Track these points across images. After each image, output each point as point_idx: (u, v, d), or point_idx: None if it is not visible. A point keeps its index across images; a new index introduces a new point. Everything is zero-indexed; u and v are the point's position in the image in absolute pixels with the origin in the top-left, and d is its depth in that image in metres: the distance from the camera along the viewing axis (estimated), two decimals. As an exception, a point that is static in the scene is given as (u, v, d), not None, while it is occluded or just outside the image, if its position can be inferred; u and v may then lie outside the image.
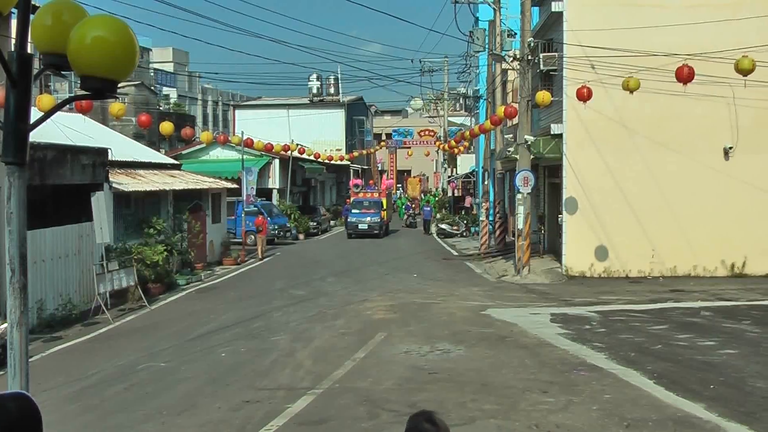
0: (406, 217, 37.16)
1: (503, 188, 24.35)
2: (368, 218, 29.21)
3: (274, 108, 43.89)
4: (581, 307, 12.66)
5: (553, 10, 16.73)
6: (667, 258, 16.55)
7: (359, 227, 29.11)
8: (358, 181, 34.96)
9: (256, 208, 25.21)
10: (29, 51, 2.24)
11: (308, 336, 10.56)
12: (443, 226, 29.73)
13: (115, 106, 14.23)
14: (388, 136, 58.60)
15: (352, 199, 31.39)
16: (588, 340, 9.92)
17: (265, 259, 21.94)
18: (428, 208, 31.46)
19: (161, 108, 38.96)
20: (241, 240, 23.27)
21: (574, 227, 16.79)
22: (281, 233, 26.53)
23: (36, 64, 2.37)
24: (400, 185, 54.67)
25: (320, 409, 6.96)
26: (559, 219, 17.61)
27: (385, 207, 30.49)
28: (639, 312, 12.08)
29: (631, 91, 14.01)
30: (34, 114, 2.21)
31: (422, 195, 49.00)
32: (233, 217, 25.42)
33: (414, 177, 51.99)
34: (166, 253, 15.46)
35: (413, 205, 41.15)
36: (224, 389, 7.84)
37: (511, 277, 16.78)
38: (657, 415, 6.56)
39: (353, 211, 29.86)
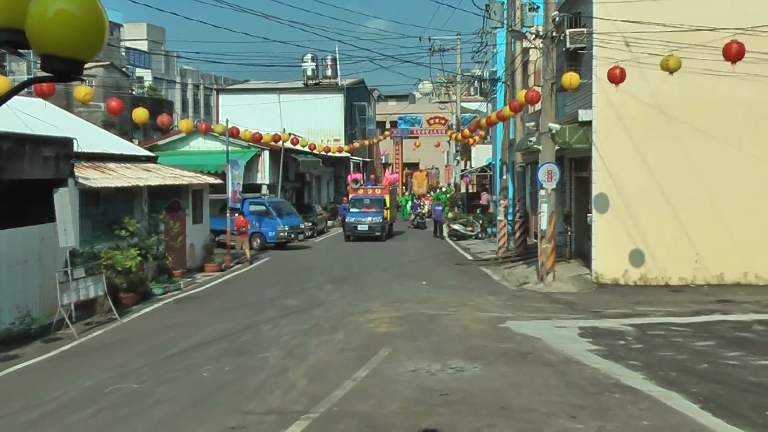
0: (412, 217, 37.15)
1: (524, 184, 24.33)
2: (369, 218, 29.25)
3: (264, 93, 43.95)
4: (614, 319, 12.65)
5: (581, -21, 16.75)
6: (712, 263, 16.51)
7: (358, 228, 29.15)
8: (358, 176, 34.96)
9: (263, 207, 25.42)
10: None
11: (302, 352, 10.57)
12: (455, 226, 29.75)
13: (81, 90, 14.22)
14: (393, 124, 58.74)
15: (350, 196, 31.40)
16: (622, 357, 9.90)
17: (253, 264, 21.97)
18: (439, 208, 31.30)
19: (134, 92, 39.06)
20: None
21: (604, 228, 16.76)
22: (291, 235, 26.10)
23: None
24: (406, 181, 54.70)
25: (316, 437, 6.95)
26: (588, 219, 17.59)
27: (388, 205, 30.52)
28: (681, 325, 12.05)
29: (671, 72, 13.96)
30: (-13, 99, 2.18)
31: (430, 192, 49.03)
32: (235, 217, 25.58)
33: (420, 171, 52.03)
34: (139, 258, 15.47)
35: (420, 203, 41.17)
36: (206, 413, 7.84)
37: (534, 284, 16.79)
38: (702, 444, 6.54)
39: (352, 210, 29.91)
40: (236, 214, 23.30)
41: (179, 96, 52.99)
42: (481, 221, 30.23)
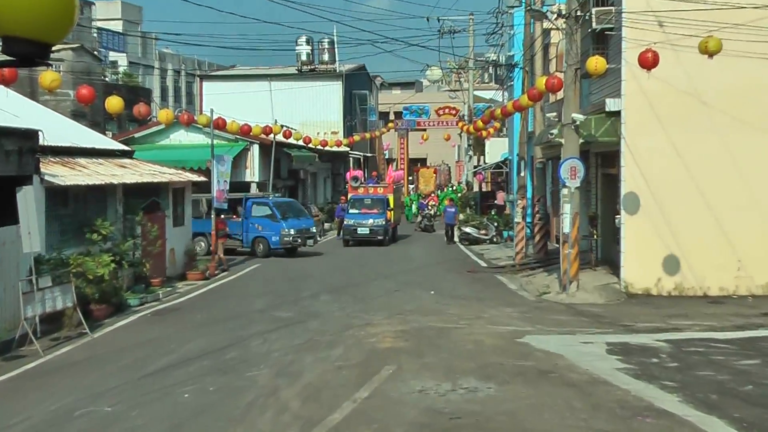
0: (420, 218, 37.14)
1: (544, 181, 24.33)
2: (370, 220, 29.29)
3: (253, 80, 44.08)
4: (646, 334, 12.64)
5: (608, -49, 16.75)
6: (757, 272, 16.48)
7: (358, 232, 29.19)
8: (358, 173, 35.02)
9: (267, 208, 25.32)
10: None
11: (295, 370, 10.58)
12: (467, 229, 29.76)
13: (47, 76, 14.24)
14: (398, 115, 58.80)
15: (350, 195, 31.44)
16: (655, 377, 9.88)
17: (243, 272, 22.04)
18: (452, 209, 30.93)
19: (107, 79, 39.11)
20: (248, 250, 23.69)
21: (635, 231, 16.75)
22: (298, 240, 25.28)
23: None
24: (411, 178, 54.74)
25: (311, 466, 6.96)
26: (616, 221, 17.58)
27: (392, 206, 30.55)
28: (722, 342, 12.04)
29: (710, 55, 13.93)
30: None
31: (438, 190, 49.05)
32: (238, 219, 25.69)
33: (427, 167, 52.09)
34: (113, 265, 15.49)
35: (428, 203, 41.18)
36: (187, 440, 7.83)
37: (555, 295, 16.80)
38: (746, 475, 6.52)
39: (351, 211, 29.95)
40: (222, 216, 23.34)
41: (158, 83, 53.04)
42: (496, 224, 30.21)
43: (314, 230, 26.37)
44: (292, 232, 25.11)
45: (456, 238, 30.24)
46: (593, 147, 19.82)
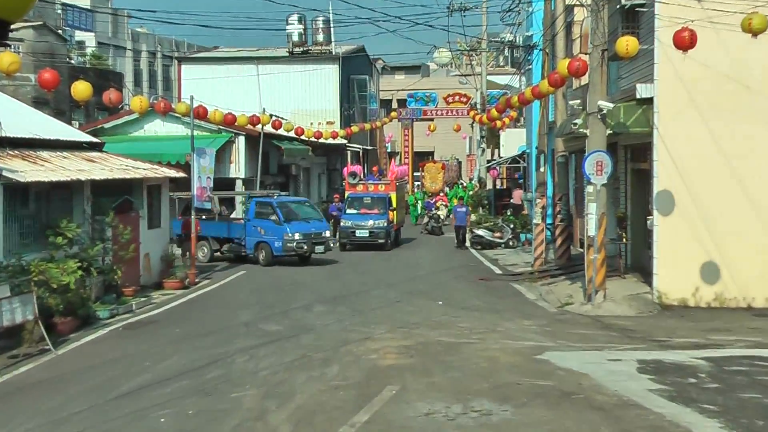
0: (426, 219, 37.12)
1: (566, 178, 24.26)
2: (370, 221, 29.28)
3: (238, 63, 44.06)
4: (682, 351, 12.61)
5: None
6: (807, 279, 16.46)
7: (357, 234, 29.19)
8: (357, 168, 35.00)
9: (269, 207, 24.82)
10: None
11: (286, 391, 10.56)
12: (480, 232, 29.74)
13: (5, 59, 14.21)
14: (402, 103, 58.79)
15: (347, 193, 31.44)
16: (693, 399, 9.85)
17: (228, 279, 22.06)
18: (462, 209, 30.69)
19: (73, 62, 39.14)
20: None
21: (669, 234, 16.74)
22: (303, 246, 24.37)
23: None
24: (417, 174, 54.73)
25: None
26: (648, 222, 17.55)
27: (394, 205, 30.56)
28: (768, 359, 12.01)
29: (755, 34, 13.89)
30: None
31: (446, 188, 49.02)
32: (240, 221, 25.79)
33: (434, 162, 51.96)
34: (80, 272, 15.47)
35: (435, 203, 41.14)
36: (163, 470, 7.82)
37: (579, 305, 16.79)
38: None
39: (349, 211, 29.95)
40: (203, 216, 23.35)
41: (131, 66, 53.07)
42: (512, 225, 30.19)
43: (328, 235, 25.67)
44: (297, 237, 24.33)
45: (467, 242, 30.22)
46: (622, 139, 19.78)
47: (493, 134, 44.62)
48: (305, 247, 24.47)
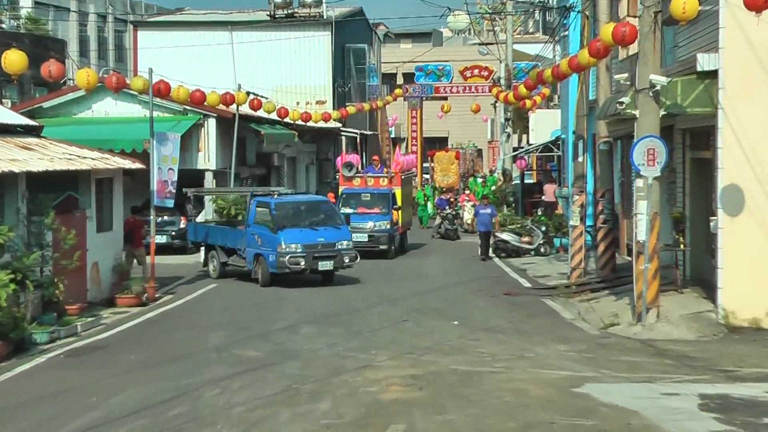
0: (438, 221, 37.02)
1: (610, 169, 24.20)
2: (369, 223, 29.21)
3: (207, 29, 44.12)
4: (755, 383, 12.54)
5: None
6: None
7: (353, 239, 29.05)
8: (353, 158, 34.87)
9: (268, 210, 23.53)
10: None
11: (266, 431, 10.50)
12: (504, 236, 29.63)
13: None
14: (409, 78, 58.74)
15: (341, 189, 31.39)
16: (768, 443, 9.80)
17: (194, 294, 22.02)
18: (487, 210, 29.71)
19: (4, 26, 39.12)
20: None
21: (738, 239, 16.67)
22: (299, 263, 22.68)
23: None
24: (427, 165, 54.70)
25: None
26: (711, 224, 17.46)
27: (399, 203, 30.53)
28: None
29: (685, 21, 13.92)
30: None
31: (463, 182, 48.96)
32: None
33: (446, 150, 51.86)
34: (13, 285, 15.39)
35: (450, 200, 41.05)
36: None
37: (627, 327, 16.73)
38: None
39: (343, 210, 29.81)
40: (138, 216, 23.20)
41: (75, 32, 53.01)
42: (544, 228, 30.09)
43: (346, 246, 23.71)
44: (296, 248, 22.78)
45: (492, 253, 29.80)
46: (679, 121, 19.71)
47: (521, 116, 44.53)
48: (302, 263, 22.67)
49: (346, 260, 23.53)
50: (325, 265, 23.27)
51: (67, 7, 52.94)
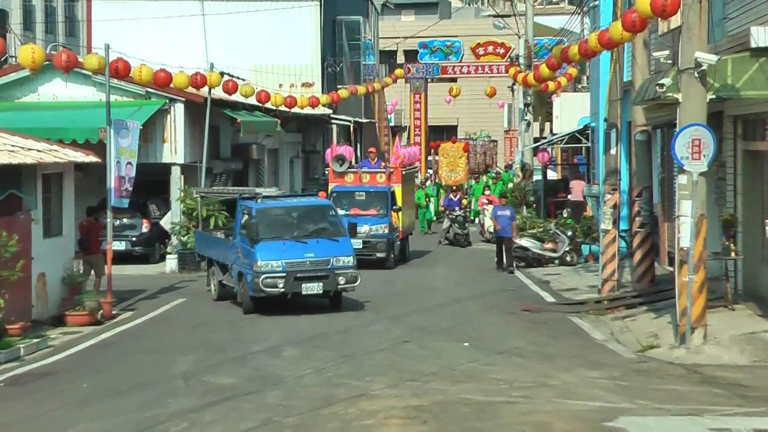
0: (447, 224, 36.92)
1: (648, 163, 24.17)
2: (364, 227, 29.10)
3: (172, -2, 43.96)
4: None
5: None
6: None
7: None
8: (345, 150, 34.82)
9: (249, 216, 22.25)
10: None
11: (242, 475, 10.52)
12: (523, 242, 29.58)
13: None
14: (411, 56, 58.67)
15: (331, 186, 31.32)
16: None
17: (155, 312, 21.95)
18: (507, 212, 29.44)
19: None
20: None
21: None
22: (272, 284, 21.33)
23: None
24: (430, 159, 54.66)
25: None
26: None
27: (400, 204, 30.59)
28: None
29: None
30: None
31: (472, 179, 48.88)
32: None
33: (453, 141, 51.72)
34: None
35: (459, 198, 40.86)
36: None
37: (668, 349, 16.72)
38: None
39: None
40: (95, 217, 23.13)
41: (18, 2, 52.94)
42: (570, 233, 30.02)
43: (347, 262, 22.24)
44: (275, 266, 21.64)
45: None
46: (730, 107, 19.67)
47: (543, 101, 44.60)
48: (280, 286, 21.46)
49: (342, 282, 21.90)
50: (312, 288, 21.82)
51: (8, -28, 52.84)
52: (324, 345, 17.91)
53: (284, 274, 21.57)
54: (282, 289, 21.52)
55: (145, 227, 29.66)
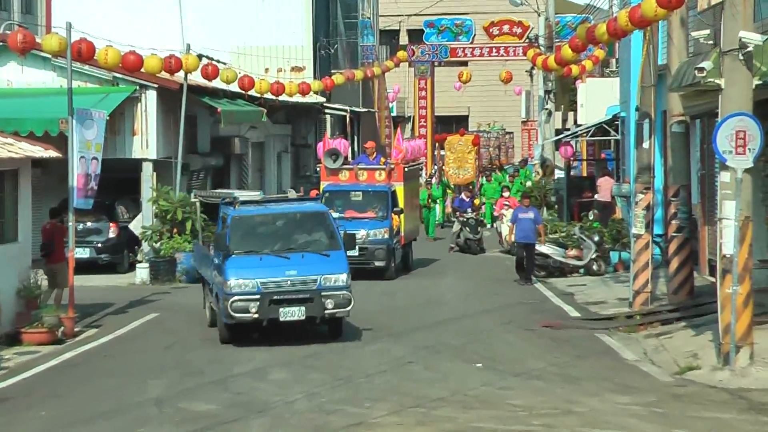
0: (457, 227, 36.86)
1: (686, 158, 24.17)
2: (361, 231, 29.01)
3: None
4: None
5: None
6: None
7: None
8: (339, 144, 34.82)
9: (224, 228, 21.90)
10: None
11: None
12: (544, 249, 29.52)
13: None
14: (415, 36, 58.64)
15: (323, 185, 31.28)
16: None
17: (119, 331, 21.94)
18: (529, 215, 28.98)
19: None
20: None
21: None
22: (243, 309, 20.01)
23: None
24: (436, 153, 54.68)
25: None
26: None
27: (401, 205, 30.60)
28: None
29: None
30: None
31: (485, 178, 48.84)
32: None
33: (462, 133, 51.67)
34: None
35: (471, 198, 40.81)
36: None
37: (710, 371, 16.70)
38: None
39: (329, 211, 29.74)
40: (58, 219, 23.09)
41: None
42: (597, 238, 29.98)
43: (335, 284, 20.78)
44: (247, 287, 20.47)
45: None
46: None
47: (567, 87, 44.58)
48: (253, 311, 20.24)
49: (330, 306, 20.41)
50: (292, 314, 20.43)
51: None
52: (316, 366, 17.87)
53: (258, 297, 20.34)
54: (255, 315, 20.23)
55: (112, 232, 29.60)
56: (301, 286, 20.55)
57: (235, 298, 20.00)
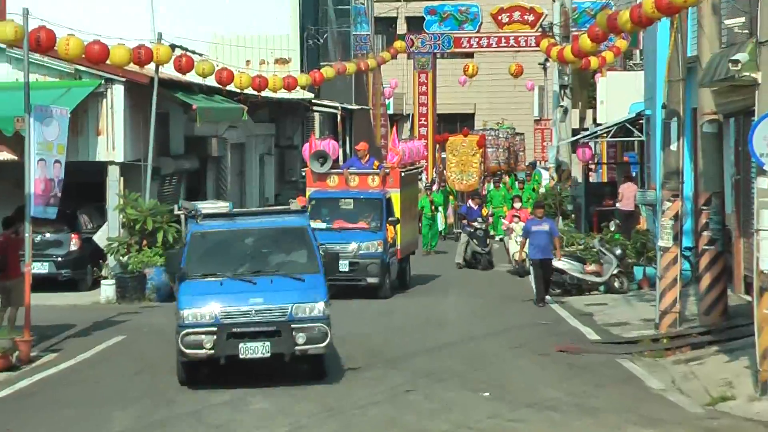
0: (464, 240, 36.85)
1: (719, 162, 24.15)
2: (352, 244, 29.17)
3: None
4: None
5: None
6: None
7: None
8: (327, 145, 34.80)
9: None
10: None
11: None
12: (560, 264, 29.50)
13: None
14: (415, 24, 58.78)
15: (309, 192, 31.28)
16: None
17: (80, 357, 21.91)
18: (544, 227, 28.77)
19: None
20: None
21: None
22: (196, 344, 18.66)
23: None
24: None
25: None
26: None
27: (398, 215, 30.72)
28: None
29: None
30: None
31: (492, 184, 48.89)
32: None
33: (465, 134, 51.71)
34: None
35: (480, 206, 40.78)
36: None
37: (746, 402, 16.68)
38: None
39: (314, 225, 29.59)
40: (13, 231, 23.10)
41: None
42: (619, 251, 29.99)
43: (309, 314, 19.30)
44: (205, 316, 19.19)
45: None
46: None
47: (585, 82, 44.65)
48: (207, 346, 18.95)
49: (300, 341, 18.93)
50: (254, 350, 19.04)
51: None
52: (303, 395, 17.84)
53: (215, 329, 19.01)
54: (210, 351, 18.91)
55: (73, 244, 29.56)
56: (268, 317, 19.22)
57: (188, 330, 18.90)
